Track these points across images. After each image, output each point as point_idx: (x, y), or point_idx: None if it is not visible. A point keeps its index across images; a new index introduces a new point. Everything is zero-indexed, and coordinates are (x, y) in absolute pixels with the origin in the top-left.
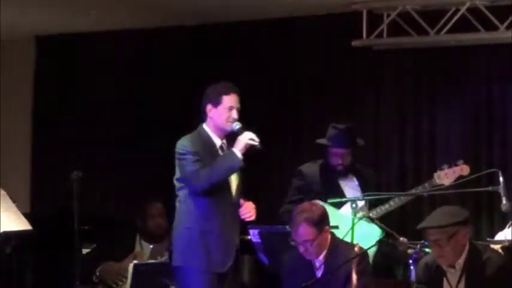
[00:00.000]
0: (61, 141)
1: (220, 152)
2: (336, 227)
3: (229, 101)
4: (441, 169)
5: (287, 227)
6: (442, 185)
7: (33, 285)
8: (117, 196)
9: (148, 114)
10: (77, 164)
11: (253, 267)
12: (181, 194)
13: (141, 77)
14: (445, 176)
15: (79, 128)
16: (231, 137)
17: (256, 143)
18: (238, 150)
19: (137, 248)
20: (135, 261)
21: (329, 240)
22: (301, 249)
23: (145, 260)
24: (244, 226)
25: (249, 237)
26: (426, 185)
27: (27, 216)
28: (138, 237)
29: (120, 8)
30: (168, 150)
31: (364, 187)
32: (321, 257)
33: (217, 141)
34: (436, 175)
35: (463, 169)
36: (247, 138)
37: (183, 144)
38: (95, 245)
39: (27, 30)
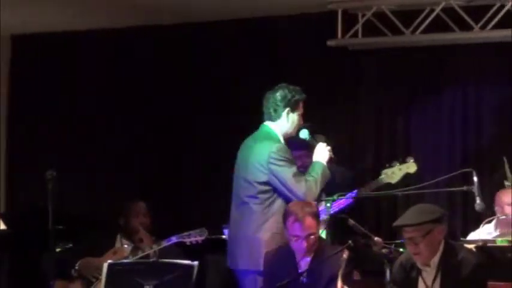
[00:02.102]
0: (37, 140)
1: None
2: None
3: (302, 107)
4: (389, 167)
5: None
6: (390, 183)
7: (8, 285)
8: (94, 195)
9: (126, 112)
10: (51, 163)
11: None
12: (265, 197)
13: (120, 75)
14: (392, 174)
15: (55, 127)
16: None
17: (332, 156)
18: (325, 162)
19: (117, 245)
20: (109, 261)
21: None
22: (304, 244)
23: (125, 256)
24: (219, 225)
25: (224, 236)
26: (372, 184)
27: (2, 215)
28: (119, 237)
29: (98, 7)
30: (146, 148)
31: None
32: (309, 257)
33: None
34: (383, 173)
35: (410, 167)
36: (328, 149)
37: (280, 149)
38: (71, 244)
39: (2, 29)
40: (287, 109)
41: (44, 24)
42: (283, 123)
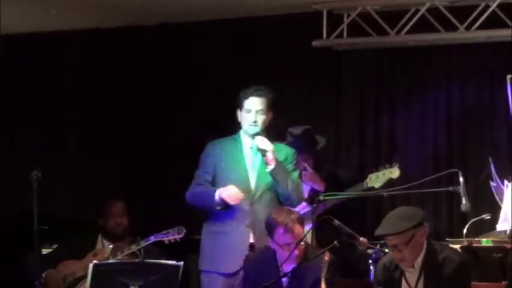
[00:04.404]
0: (20, 141)
1: (248, 153)
2: None
3: (248, 104)
4: (375, 171)
5: None
6: (373, 187)
7: None
8: (78, 196)
9: (108, 113)
10: (36, 163)
11: None
12: None
13: (101, 76)
14: (376, 179)
15: (38, 128)
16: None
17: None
18: (221, 197)
19: (98, 246)
20: (94, 261)
21: None
22: (296, 251)
23: (106, 257)
24: (199, 225)
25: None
26: (357, 187)
27: None
28: (100, 237)
29: (80, 8)
30: (128, 149)
31: (328, 187)
32: (295, 263)
33: (248, 143)
34: (368, 177)
35: (392, 172)
36: (234, 196)
37: (206, 146)
38: (56, 245)
39: None
40: (237, 110)
41: (28, 24)
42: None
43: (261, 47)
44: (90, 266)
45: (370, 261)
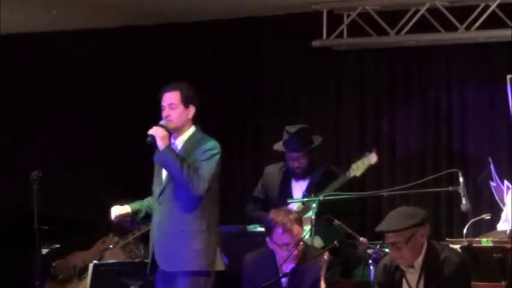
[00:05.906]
0: (20, 141)
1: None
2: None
3: (162, 101)
4: (356, 160)
5: (249, 226)
6: (355, 176)
7: None
8: (78, 196)
9: (109, 113)
10: (36, 163)
11: None
12: None
13: (102, 76)
14: (357, 168)
15: (39, 128)
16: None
17: None
18: None
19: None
20: (95, 262)
21: None
22: (295, 252)
23: (115, 241)
24: None
25: None
26: (341, 178)
27: None
28: (111, 236)
29: (80, 8)
30: (127, 149)
31: (320, 187)
32: (294, 263)
33: (172, 140)
34: (350, 167)
35: (371, 158)
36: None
37: None
38: (57, 245)
39: None
40: None
41: (29, 24)
42: None
43: (261, 47)
44: (90, 266)
45: (370, 261)
